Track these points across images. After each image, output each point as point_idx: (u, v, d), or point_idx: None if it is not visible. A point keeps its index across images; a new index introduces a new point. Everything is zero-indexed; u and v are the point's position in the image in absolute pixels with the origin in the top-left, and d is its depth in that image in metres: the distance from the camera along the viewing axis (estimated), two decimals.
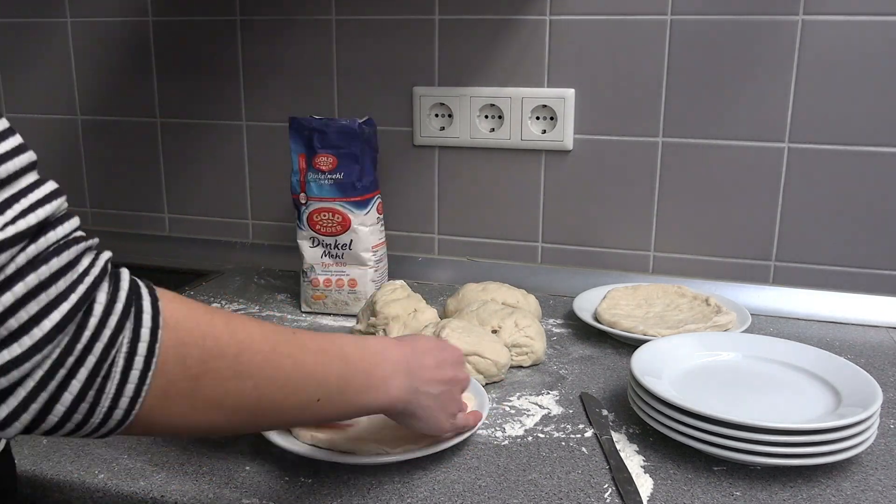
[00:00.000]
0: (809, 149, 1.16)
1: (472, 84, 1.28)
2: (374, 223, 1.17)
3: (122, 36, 1.45)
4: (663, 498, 0.71)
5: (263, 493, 0.71)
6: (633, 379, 0.82)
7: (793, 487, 0.72)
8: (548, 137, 1.26)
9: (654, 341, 0.92)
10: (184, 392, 0.48)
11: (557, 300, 1.23)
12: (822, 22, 1.11)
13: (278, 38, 1.36)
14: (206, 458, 0.77)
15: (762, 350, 0.92)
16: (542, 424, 0.84)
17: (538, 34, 1.23)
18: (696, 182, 1.22)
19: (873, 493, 0.72)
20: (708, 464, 0.76)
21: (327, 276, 1.17)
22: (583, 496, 0.71)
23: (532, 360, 0.99)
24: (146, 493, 0.72)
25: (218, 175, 1.46)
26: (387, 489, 0.72)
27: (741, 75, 1.16)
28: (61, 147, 1.54)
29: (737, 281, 1.22)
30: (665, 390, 0.78)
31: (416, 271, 1.35)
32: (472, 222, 1.34)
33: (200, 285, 1.32)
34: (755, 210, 1.20)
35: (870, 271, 1.18)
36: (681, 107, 1.20)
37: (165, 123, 1.47)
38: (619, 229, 1.27)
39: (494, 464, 0.76)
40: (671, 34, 1.18)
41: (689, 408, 0.74)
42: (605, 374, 0.97)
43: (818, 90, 1.14)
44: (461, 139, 1.30)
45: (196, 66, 1.42)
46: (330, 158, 1.13)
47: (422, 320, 1.02)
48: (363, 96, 1.34)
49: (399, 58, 1.30)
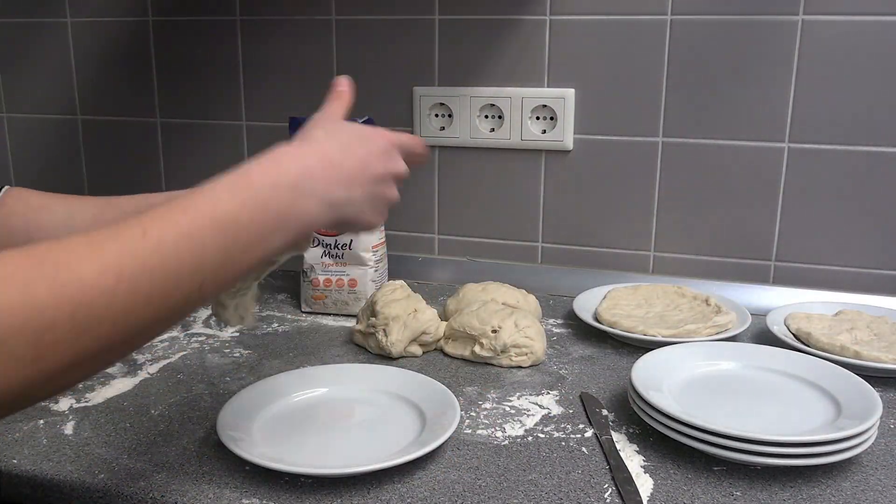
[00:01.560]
0: (809, 149, 1.16)
1: (472, 84, 1.28)
2: None
3: (122, 36, 1.45)
4: (663, 498, 0.71)
5: (263, 493, 0.71)
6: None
7: (793, 487, 0.72)
8: (548, 137, 1.26)
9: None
10: (28, 375, 0.42)
11: (557, 300, 1.23)
12: (822, 22, 1.12)
13: (278, 38, 1.36)
14: (206, 458, 0.77)
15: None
16: (542, 424, 0.84)
17: (538, 34, 1.23)
18: (696, 182, 1.22)
19: (873, 492, 0.72)
20: (708, 464, 0.76)
21: (327, 276, 1.17)
22: (583, 496, 0.71)
23: (532, 360, 0.99)
24: (146, 493, 0.72)
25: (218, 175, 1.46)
26: (387, 489, 0.72)
27: (741, 75, 1.16)
28: (61, 147, 1.54)
29: (737, 281, 1.22)
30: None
31: (416, 271, 1.34)
32: (472, 222, 1.34)
33: None
34: (755, 210, 1.20)
35: (870, 271, 1.18)
36: (681, 107, 1.20)
37: (165, 123, 1.47)
38: (619, 229, 1.27)
39: (494, 464, 0.76)
40: (671, 34, 1.18)
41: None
42: (605, 374, 0.97)
43: (818, 90, 1.14)
44: (461, 139, 1.30)
45: (196, 66, 1.42)
46: None
47: (422, 320, 1.02)
48: (363, 96, 1.33)
49: (399, 58, 1.30)
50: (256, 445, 0.76)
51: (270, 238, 0.55)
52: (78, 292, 0.44)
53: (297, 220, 0.57)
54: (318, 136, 0.64)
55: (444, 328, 1.04)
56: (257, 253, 0.55)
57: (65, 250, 0.45)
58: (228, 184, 0.55)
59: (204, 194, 0.53)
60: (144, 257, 0.47)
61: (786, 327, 1.06)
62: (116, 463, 0.76)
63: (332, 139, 0.63)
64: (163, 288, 0.48)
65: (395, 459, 0.73)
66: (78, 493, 0.73)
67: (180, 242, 0.49)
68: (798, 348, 0.98)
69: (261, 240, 0.55)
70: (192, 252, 0.49)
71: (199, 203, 0.52)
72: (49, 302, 0.43)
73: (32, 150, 1.57)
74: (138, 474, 0.74)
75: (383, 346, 1.00)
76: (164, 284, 0.48)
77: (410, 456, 0.73)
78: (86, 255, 0.45)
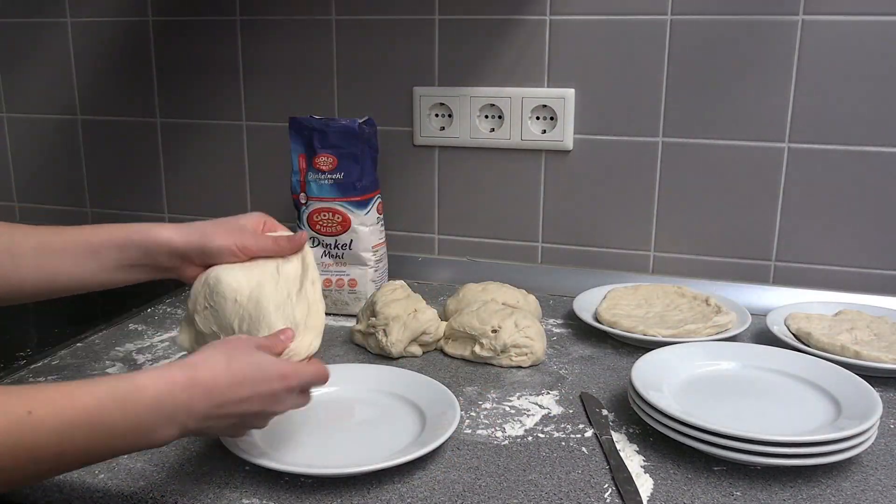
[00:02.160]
0: (809, 149, 1.16)
1: (472, 84, 1.28)
2: (374, 223, 1.17)
3: (122, 36, 1.45)
4: (663, 498, 0.71)
5: (263, 493, 0.71)
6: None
7: (793, 487, 0.72)
8: (548, 137, 1.26)
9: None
10: None
11: (557, 300, 1.23)
12: (822, 22, 1.12)
13: (278, 38, 1.36)
14: (206, 458, 0.77)
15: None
16: (542, 424, 0.84)
17: (538, 34, 1.23)
18: (696, 182, 1.22)
19: (873, 492, 0.72)
20: (708, 464, 0.76)
21: (327, 276, 1.17)
22: (583, 496, 0.71)
23: (532, 360, 0.99)
24: (146, 493, 0.72)
25: (218, 175, 1.46)
26: (387, 489, 0.72)
27: (741, 75, 1.16)
28: (61, 147, 1.54)
29: (737, 281, 1.22)
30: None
31: (416, 271, 1.35)
32: (472, 222, 1.34)
33: None
34: (755, 210, 1.20)
35: (870, 271, 1.18)
36: (681, 107, 1.20)
37: (165, 123, 1.47)
38: (619, 229, 1.27)
39: (494, 464, 0.76)
40: (671, 34, 1.18)
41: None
42: (605, 374, 0.97)
43: (818, 90, 1.14)
44: (461, 139, 1.30)
45: (196, 66, 1.42)
46: (330, 158, 1.13)
47: (422, 320, 1.02)
48: (363, 96, 1.34)
49: (399, 58, 1.30)
50: (256, 445, 0.76)
51: (127, 445, 0.60)
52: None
53: (150, 440, 0.60)
54: (216, 362, 0.64)
55: (444, 328, 1.04)
56: (117, 452, 0.61)
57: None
58: (113, 390, 0.59)
59: (89, 387, 0.58)
60: (21, 441, 0.53)
61: (786, 327, 1.06)
62: (116, 463, 0.76)
63: (227, 371, 0.64)
64: (35, 469, 0.55)
65: (395, 459, 0.73)
66: (78, 493, 0.73)
67: (55, 434, 0.55)
68: (798, 348, 0.98)
69: (121, 444, 0.60)
70: (56, 442, 0.55)
71: (82, 395, 0.57)
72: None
73: (32, 150, 1.57)
74: (138, 474, 0.74)
75: (383, 346, 1.00)
76: (33, 467, 0.54)
77: (410, 456, 0.73)
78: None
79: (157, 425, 0.59)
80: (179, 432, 0.61)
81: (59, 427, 0.54)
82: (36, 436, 0.53)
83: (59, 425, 0.55)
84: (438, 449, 0.77)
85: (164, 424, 0.60)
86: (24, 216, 1.59)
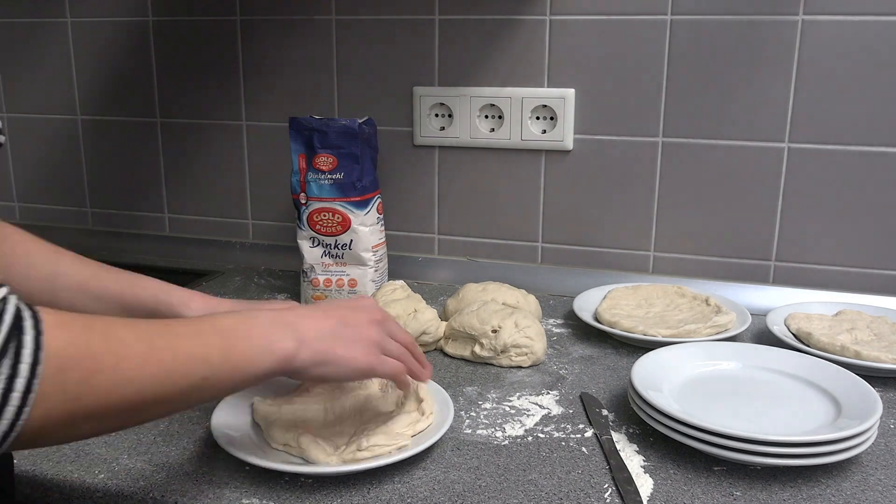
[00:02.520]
0: (809, 149, 1.16)
1: (472, 84, 1.28)
2: (374, 223, 1.17)
3: (122, 36, 1.45)
4: (663, 498, 0.71)
5: (263, 493, 0.71)
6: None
7: (793, 487, 0.72)
8: (548, 137, 1.26)
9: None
10: (65, 413, 0.49)
11: (557, 300, 1.23)
12: (822, 22, 1.12)
13: (278, 38, 1.36)
14: (206, 458, 0.77)
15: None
16: (542, 424, 0.84)
17: (538, 34, 1.23)
18: (696, 182, 1.22)
19: (873, 492, 0.72)
20: (708, 464, 0.76)
21: (327, 276, 1.17)
22: (583, 496, 0.71)
23: (532, 360, 0.99)
24: (146, 493, 0.72)
25: (218, 175, 1.46)
26: (387, 489, 0.72)
27: (741, 75, 1.16)
28: (61, 147, 1.54)
29: (737, 281, 1.22)
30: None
31: (416, 271, 1.35)
32: (472, 222, 1.34)
33: (200, 285, 1.31)
34: (755, 210, 1.20)
35: (870, 271, 1.18)
36: (681, 107, 1.20)
37: (165, 123, 1.47)
38: (619, 229, 1.27)
39: (494, 464, 0.76)
40: (671, 34, 1.18)
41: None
42: (605, 374, 0.97)
43: (818, 90, 1.14)
44: (461, 139, 1.30)
45: (196, 66, 1.42)
46: (330, 158, 1.13)
47: (422, 320, 1.02)
48: (363, 96, 1.34)
49: (399, 58, 1.30)
50: (256, 445, 0.76)
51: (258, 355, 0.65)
52: (123, 346, 0.53)
53: (267, 346, 0.65)
54: (321, 305, 0.75)
55: (443, 328, 1.04)
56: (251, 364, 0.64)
57: (109, 319, 0.57)
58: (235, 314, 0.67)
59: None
60: (167, 338, 0.58)
61: (786, 327, 1.06)
62: (116, 463, 0.76)
63: (329, 306, 0.73)
64: (177, 369, 0.57)
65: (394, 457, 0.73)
66: (78, 493, 0.73)
67: (194, 336, 0.60)
68: (798, 348, 0.98)
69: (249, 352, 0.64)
70: (196, 346, 0.60)
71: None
72: (101, 351, 0.52)
73: (32, 150, 1.57)
74: (138, 474, 0.74)
75: None
76: (177, 364, 0.58)
77: (407, 453, 0.73)
78: (124, 324, 0.56)
79: (270, 333, 0.65)
80: (291, 336, 0.66)
81: (193, 332, 0.60)
82: (179, 338, 0.59)
83: (193, 332, 0.60)
84: (439, 449, 0.77)
85: (275, 331, 0.65)
86: (24, 216, 1.59)
